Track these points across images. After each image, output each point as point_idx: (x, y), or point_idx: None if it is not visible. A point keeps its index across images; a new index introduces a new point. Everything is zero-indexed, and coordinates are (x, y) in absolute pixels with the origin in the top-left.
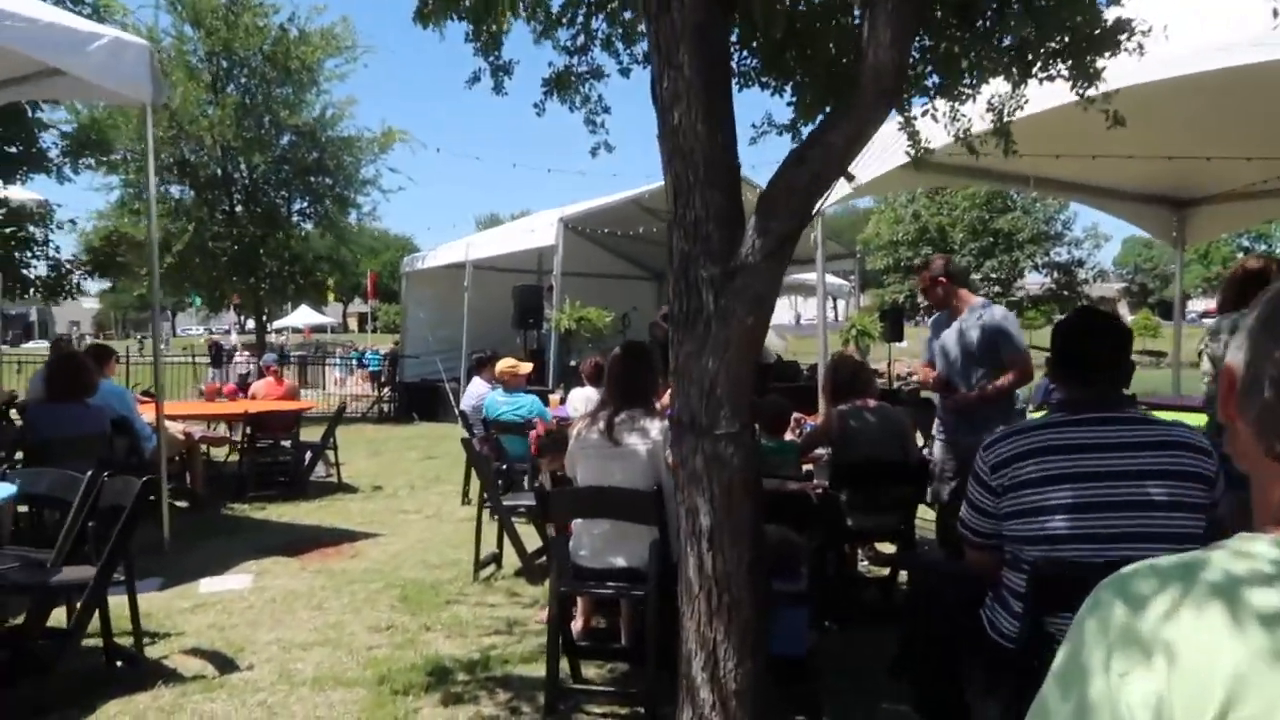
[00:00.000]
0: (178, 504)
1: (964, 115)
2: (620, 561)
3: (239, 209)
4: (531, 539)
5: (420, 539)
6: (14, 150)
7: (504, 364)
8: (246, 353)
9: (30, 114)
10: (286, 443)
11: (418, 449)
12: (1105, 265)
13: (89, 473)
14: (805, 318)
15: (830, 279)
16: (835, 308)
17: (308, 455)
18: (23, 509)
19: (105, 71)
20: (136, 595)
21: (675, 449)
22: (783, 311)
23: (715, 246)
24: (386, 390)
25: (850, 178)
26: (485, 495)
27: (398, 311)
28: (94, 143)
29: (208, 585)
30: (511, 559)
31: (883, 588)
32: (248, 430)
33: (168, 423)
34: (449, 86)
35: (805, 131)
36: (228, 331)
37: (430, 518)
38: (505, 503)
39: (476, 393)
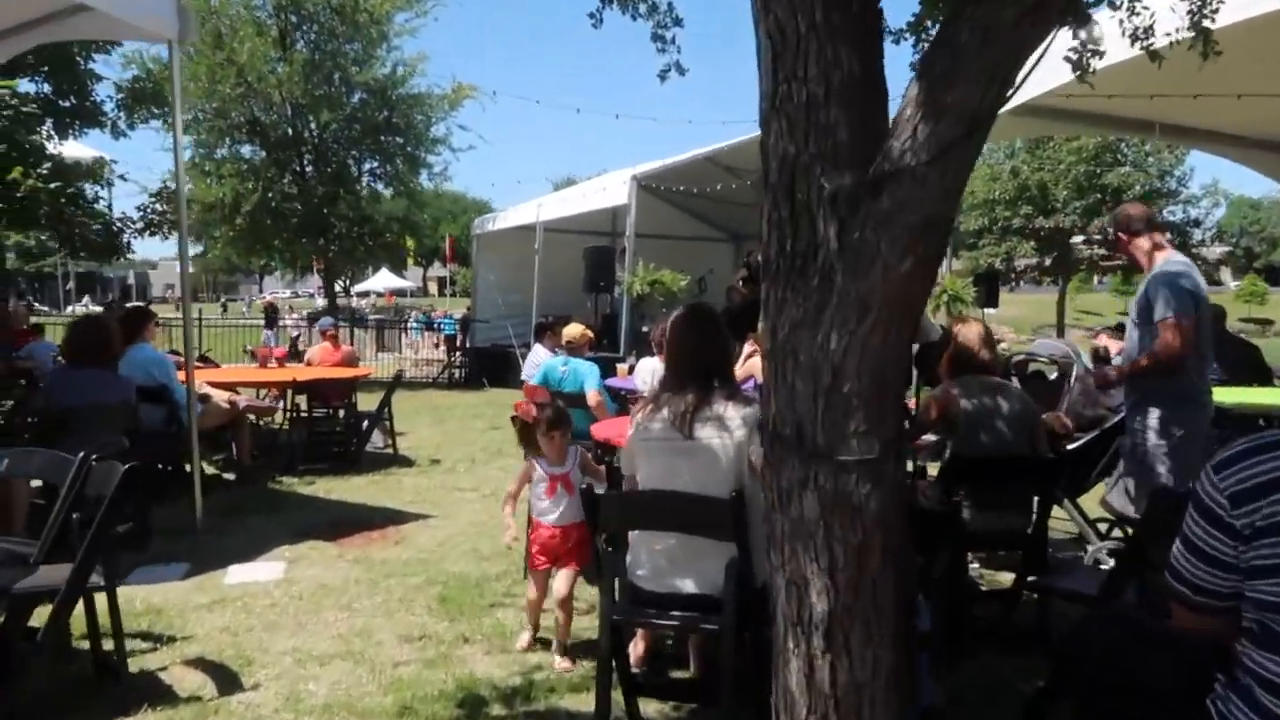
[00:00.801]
0: (225, 476)
1: (1145, 8)
2: (688, 586)
3: (309, 169)
4: None
5: (473, 522)
6: (67, 104)
7: (573, 329)
8: (296, 315)
9: (83, 65)
10: (343, 411)
11: (484, 418)
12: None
13: (80, 455)
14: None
15: None
16: None
17: (364, 425)
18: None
19: (128, 4)
20: (117, 598)
21: (770, 471)
22: None
23: (844, 141)
24: (457, 355)
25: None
26: None
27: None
28: (150, 95)
29: (234, 575)
30: None
31: (1004, 603)
32: (297, 399)
33: (213, 391)
34: (514, 38)
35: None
36: (312, 295)
37: (487, 497)
38: None
39: (537, 361)
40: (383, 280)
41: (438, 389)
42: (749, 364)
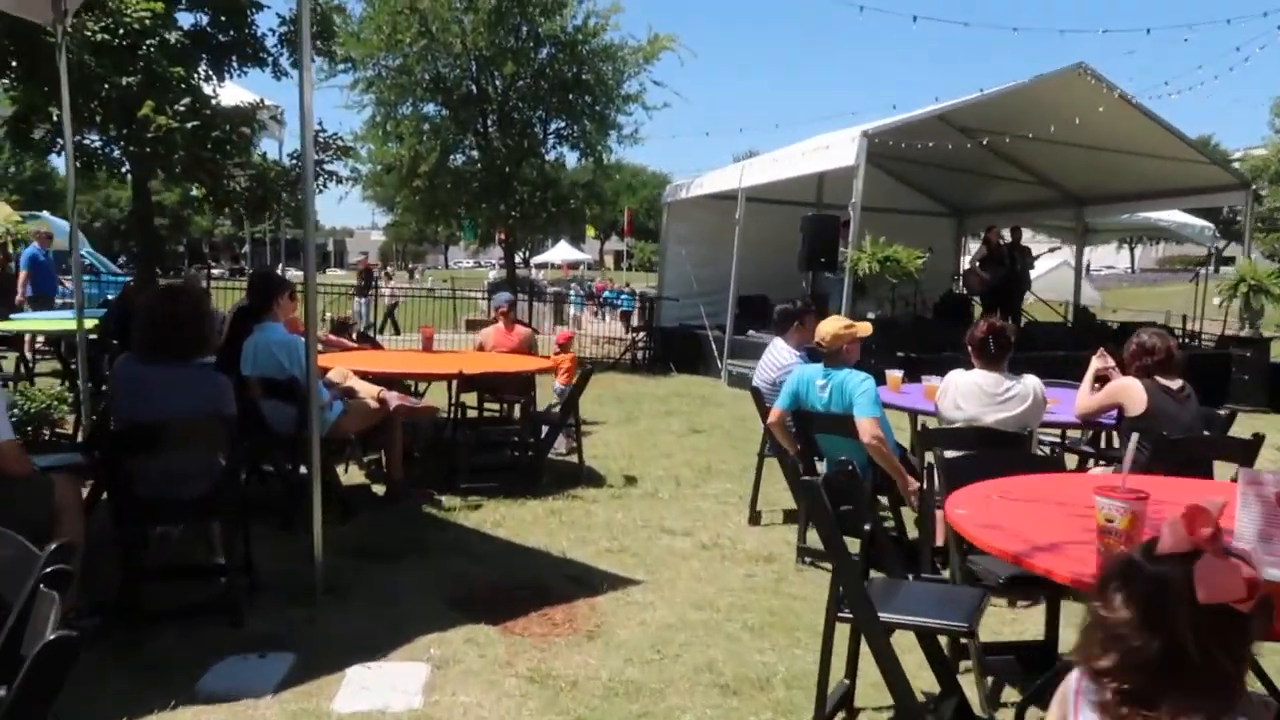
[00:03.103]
0: (374, 488)
1: None
2: None
3: (492, 129)
4: (916, 661)
5: (696, 602)
6: (226, 38)
7: (832, 324)
8: (393, 282)
9: None
10: (519, 410)
11: (678, 415)
12: None
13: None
14: (1098, 264)
15: (1180, 217)
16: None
17: (544, 433)
18: None
19: None
20: None
21: None
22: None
23: None
24: (641, 335)
25: None
26: (807, 532)
27: (654, 250)
28: (312, 33)
29: (350, 698)
30: (872, 695)
31: None
32: (461, 397)
33: (360, 384)
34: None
35: None
36: (493, 266)
37: (708, 550)
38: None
39: (779, 362)
40: (561, 253)
41: (619, 372)
42: (1112, 389)
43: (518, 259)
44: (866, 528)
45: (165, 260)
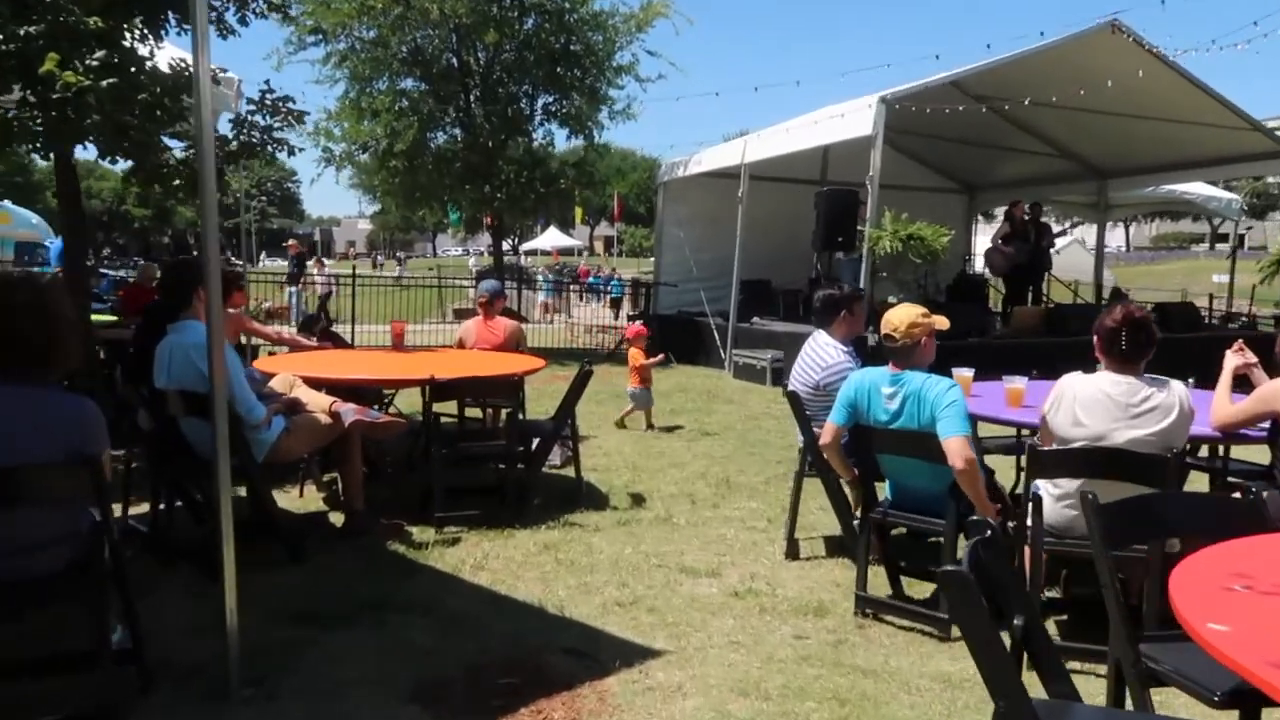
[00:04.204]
0: (333, 517)
1: None
2: None
3: (474, 106)
4: None
5: (738, 684)
6: None
7: (905, 312)
8: (325, 264)
9: None
10: (504, 416)
11: (684, 414)
12: None
13: None
14: (1138, 244)
15: (1206, 190)
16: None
17: (534, 446)
18: None
19: None
20: None
21: None
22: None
23: None
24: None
25: None
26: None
27: (644, 235)
28: None
29: None
30: None
31: None
32: (434, 406)
33: (309, 396)
34: None
35: None
36: (482, 253)
37: (742, 598)
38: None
39: (824, 361)
40: (550, 239)
41: (615, 364)
42: (1265, 394)
43: (506, 246)
44: (1018, 621)
45: (149, 253)
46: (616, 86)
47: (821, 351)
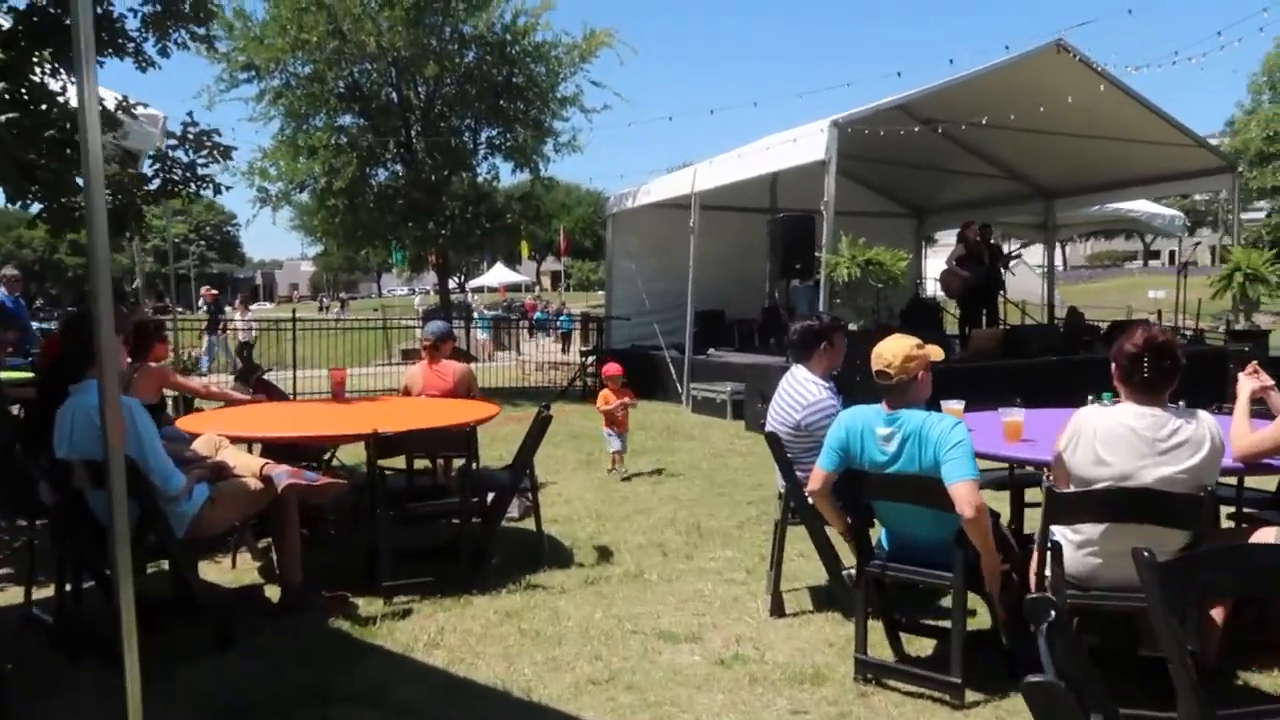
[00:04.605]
0: (268, 591)
1: None
2: None
3: (415, 141)
4: None
5: None
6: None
7: (898, 345)
8: (250, 309)
9: None
10: (457, 466)
11: (645, 454)
12: None
13: None
14: (1074, 263)
15: (1150, 207)
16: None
17: (490, 501)
18: None
19: None
20: None
21: None
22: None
23: None
24: (590, 360)
25: None
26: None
27: (592, 269)
28: (183, 13)
29: None
30: None
31: None
32: (379, 461)
33: (237, 458)
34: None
35: None
36: (428, 292)
37: (728, 667)
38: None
39: (806, 399)
40: (497, 275)
41: (569, 402)
42: None
43: (452, 284)
44: None
45: (83, 302)
46: (561, 118)
47: (801, 388)
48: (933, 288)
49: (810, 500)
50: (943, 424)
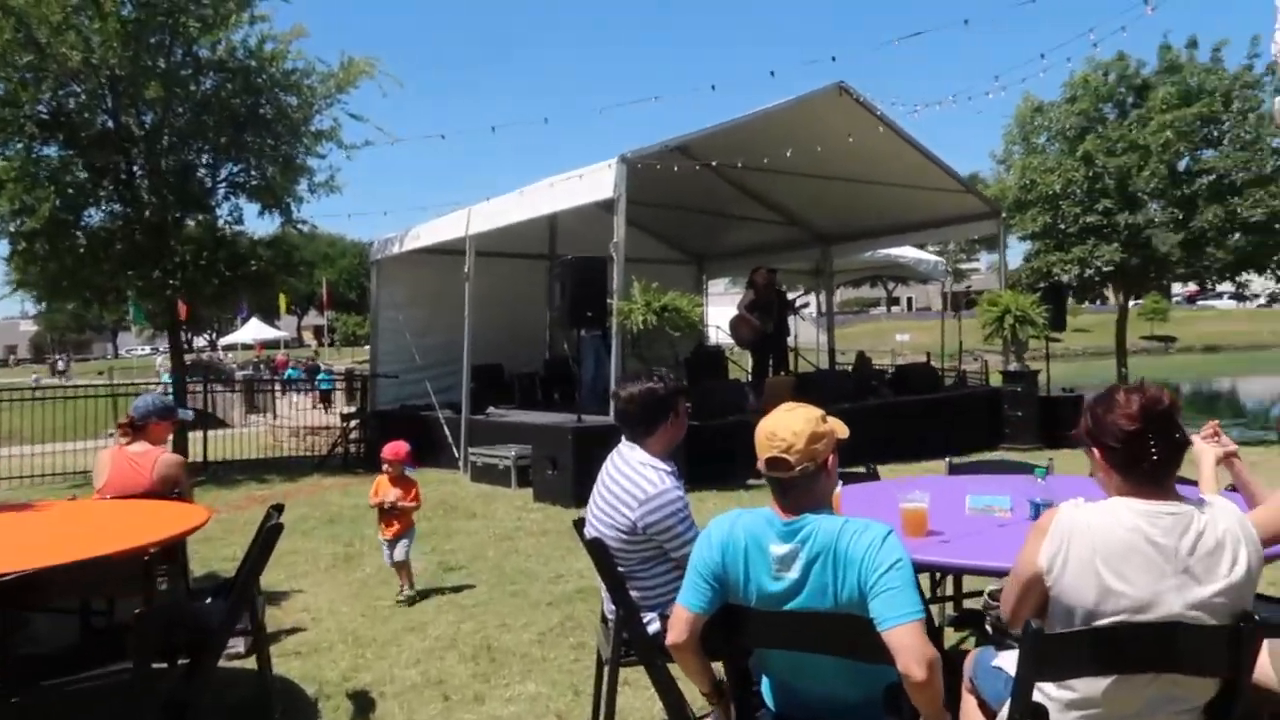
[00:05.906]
0: None
1: None
2: None
3: (139, 175)
4: None
5: None
6: None
7: (796, 419)
8: None
9: None
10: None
11: (419, 541)
12: None
13: None
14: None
15: (915, 254)
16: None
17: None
18: None
19: None
20: None
21: None
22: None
23: None
24: (354, 424)
25: None
26: None
27: (358, 323)
28: None
29: None
30: None
31: None
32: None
33: None
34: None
35: None
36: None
37: None
38: None
39: (643, 490)
40: (253, 331)
41: (327, 474)
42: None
43: (202, 341)
44: None
45: None
46: (316, 155)
47: (638, 477)
48: (715, 335)
49: (672, 654)
50: (868, 536)
